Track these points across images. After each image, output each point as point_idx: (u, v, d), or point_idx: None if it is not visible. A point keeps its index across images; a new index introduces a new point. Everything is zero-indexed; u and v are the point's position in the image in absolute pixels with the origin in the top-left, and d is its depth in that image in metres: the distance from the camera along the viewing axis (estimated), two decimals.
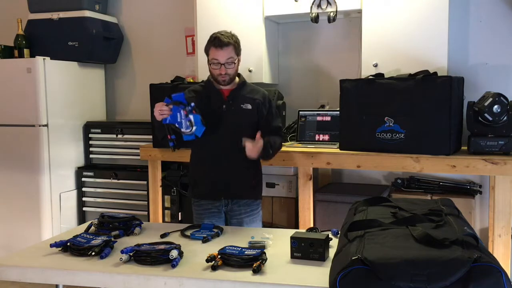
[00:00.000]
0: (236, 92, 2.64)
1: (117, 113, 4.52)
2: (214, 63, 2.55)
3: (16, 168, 3.89)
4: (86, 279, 1.84)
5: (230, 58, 2.54)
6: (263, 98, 2.67)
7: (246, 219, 2.65)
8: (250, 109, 2.62)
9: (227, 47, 2.52)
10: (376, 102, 3.01)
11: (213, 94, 2.64)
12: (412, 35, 3.17)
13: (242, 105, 2.61)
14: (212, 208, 2.66)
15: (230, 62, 2.55)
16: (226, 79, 2.58)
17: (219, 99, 2.62)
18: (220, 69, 2.54)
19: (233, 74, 2.60)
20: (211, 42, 2.56)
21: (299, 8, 3.45)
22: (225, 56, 2.53)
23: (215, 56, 2.54)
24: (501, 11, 3.37)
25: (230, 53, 2.54)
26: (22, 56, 4.06)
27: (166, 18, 4.28)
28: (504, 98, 2.83)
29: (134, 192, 4.01)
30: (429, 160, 2.90)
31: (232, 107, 2.61)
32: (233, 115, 2.60)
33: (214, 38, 2.55)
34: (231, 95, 2.62)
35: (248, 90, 2.67)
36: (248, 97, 2.64)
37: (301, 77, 3.88)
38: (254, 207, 2.70)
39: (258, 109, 2.64)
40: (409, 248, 1.46)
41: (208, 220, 2.61)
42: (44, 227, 3.86)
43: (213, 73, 2.59)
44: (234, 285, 1.72)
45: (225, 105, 2.60)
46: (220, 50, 2.52)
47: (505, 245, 2.84)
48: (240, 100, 2.62)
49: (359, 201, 2.02)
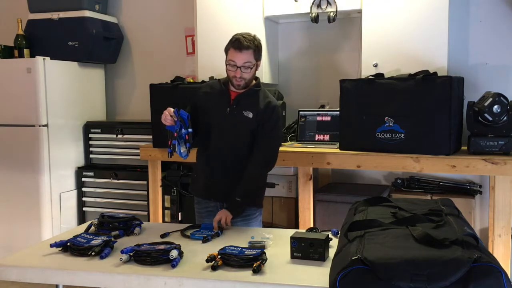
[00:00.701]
0: (242, 97, 2.55)
1: (117, 113, 4.52)
2: (231, 65, 2.48)
3: (16, 168, 3.89)
4: (86, 279, 1.84)
5: (247, 62, 2.45)
6: (266, 108, 2.55)
7: (240, 223, 2.55)
8: (251, 117, 2.53)
9: (247, 50, 2.44)
10: (376, 102, 3.01)
11: (222, 94, 2.58)
12: (412, 35, 3.17)
13: (244, 111, 2.53)
14: (209, 207, 2.64)
15: (247, 66, 2.46)
16: (241, 84, 2.50)
17: (226, 101, 2.56)
18: (236, 72, 2.47)
19: (248, 79, 2.50)
20: (231, 43, 2.48)
21: (299, 8, 3.45)
22: (243, 59, 2.44)
23: (232, 57, 2.46)
24: (501, 11, 3.37)
25: (248, 57, 2.45)
26: (22, 56, 4.06)
27: (166, 18, 4.28)
28: (504, 98, 2.83)
29: (134, 192, 4.00)
30: (429, 160, 2.90)
31: (235, 112, 2.54)
32: (234, 120, 2.54)
33: (235, 39, 2.47)
34: (236, 99, 2.55)
35: (255, 98, 2.56)
36: (252, 105, 2.54)
37: (301, 77, 3.88)
38: (248, 212, 2.59)
39: (257, 117, 2.53)
40: (409, 248, 1.46)
41: (207, 219, 2.60)
42: (44, 227, 3.86)
43: (229, 75, 2.52)
44: (234, 285, 1.72)
45: (229, 109, 2.55)
46: (239, 53, 2.44)
47: (505, 245, 2.84)
48: (243, 107, 2.54)
49: (359, 201, 2.02)
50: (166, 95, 3.47)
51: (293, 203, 3.50)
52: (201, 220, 2.65)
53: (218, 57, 3.52)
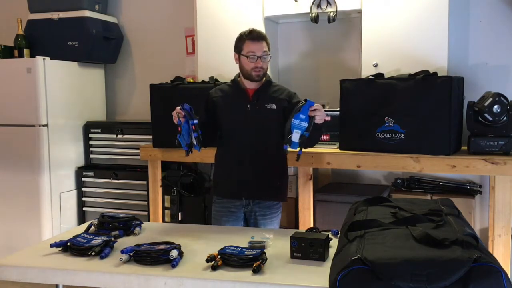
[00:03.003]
0: (261, 91, 2.61)
1: (117, 113, 4.52)
2: (251, 57, 2.53)
3: (16, 168, 3.89)
4: (86, 279, 1.84)
5: (265, 51, 2.54)
6: (289, 97, 2.63)
7: (263, 221, 2.62)
8: (275, 109, 2.59)
9: (263, 40, 2.55)
10: (376, 102, 3.01)
11: (238, 93, 2.62)
12: (412, 35, 3.17)
13: (266, 105, 2.58)
14: (232, 208, 2.64)
15: (266, 55, 2.55)
16: (261, 73, 2.56)
17: (244, 98, 2.60)
18: (257, 62, 2.53)
19: (266, 69, 2.60)
20: (247, 36, 2.55)
21: (299, 8, 3.45)
22: (262, 48, 2.53)
23: (251, 49, 2.53)
24: (501, 11, 3.36)
25: (265, 47, 2.55)
26: (22, 56, 4.06)
27: (166, 18, 4.28)
28: (504, 98, 2.83)
29: (134, 192, 4.00)
30: (429, 160, 2.90)
31: (257, 107, 2.58)
32: (258, 115, 2.58)
33: (249, 32, 2.56)
34: (256, 94, 2.60)
35: (274, 90, 2.64)
36: (273, 97, 2.61)
37: (301, 77, 3.88)
38: (274, 210, 2.66)
39: (283, 108, 2.59)
40: (409, 248, 1.46)
41: (225, 218, 2.61)
42: (44, 227, 3.86)
43: (248, 68, 2.56)
44: (234, 285, 1.72)
45: (249, 105, 2.58)
46: (257, 43, 2.52)
47: (505, 245, 2.84)
48: (264, 100, 2.59)
49: (359, 201, 2.02)
50: (166, 95, 3.47)
51: (293, 203, 3.50)
52: (218, 219, 2.66)
53: (218, 57, 3.56)
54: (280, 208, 2.72)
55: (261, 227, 2.62)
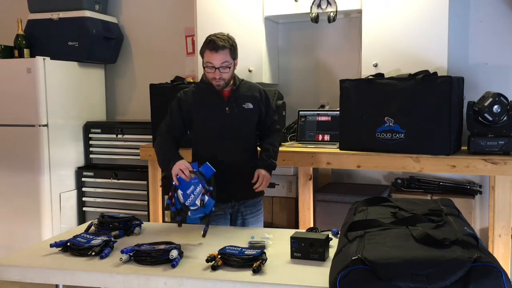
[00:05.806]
0: (236, 92, 2.57)
1: (117, 113, 4.52)
2: (209, 67, 2.46)
3: (16, 168, 3.89)
4: (86, 279, 1.84)
5: (225, 62, 2.44)
6: (260, 94, 2.64)
7: (251, 219, 2.64)
8: (252, 108, 2.58)
9: (223, 50, 2.42)
10: (376, 102, 3.01)
11: (213, 96, 2.56)
12: (412, 35, 3.17)
13: (243, 105, 2.56)
14: (218, 211, 2.55)
15: (225, 66, 2.44)
16: (221, 84, 2.49)
17: (220, 100, 2.55)
18: (214, 73, 2.45)
19: (228, 79, 2.50)
20: (206, 45, 2.47)
21: (299, 8, 3.45)
22: (220, 60, 2.43)
23: (209, 59, 2.44)
24: (501, 11, 3.37)
25: (225, 57, 2.43)
26: (22, 56, 4.06)
27: (166, 18, 4.28)
28: (504, 98, 2.83)
29: (134, 192, 4.01)
30: (429, 160, 2.90)
31: (235, 109, 2.54)
32: (237, 116, 2.55)
33: (209, 41, 2.46)
34: (232, 96, 2.56)
35: (246, 88, 2.62)
36: (248, 96, 2.59)
37: (301, 77, 3.88)
38: (258, 206, 2.69)
39: (258, 106, 2.60)
40: (409, 248, 1.46)
41: (214, 223, 2.59)
42: (44, 227, 3.86)
43: (207, 77, 2.52)
44: (234, 285, 1.72)
45: (227, 107, 2.54)
46: (215, 54, 2.42)
47: (505, 245, 2.84)
48: (241, 100, 2.57)
49: (359, 201, 2.02)
50: (166, 95, 3.46)
51: (293, 203, 3.50)
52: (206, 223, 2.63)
53: None
54: (262, 203, 2.74)
55: (250, 225, 2.62)
